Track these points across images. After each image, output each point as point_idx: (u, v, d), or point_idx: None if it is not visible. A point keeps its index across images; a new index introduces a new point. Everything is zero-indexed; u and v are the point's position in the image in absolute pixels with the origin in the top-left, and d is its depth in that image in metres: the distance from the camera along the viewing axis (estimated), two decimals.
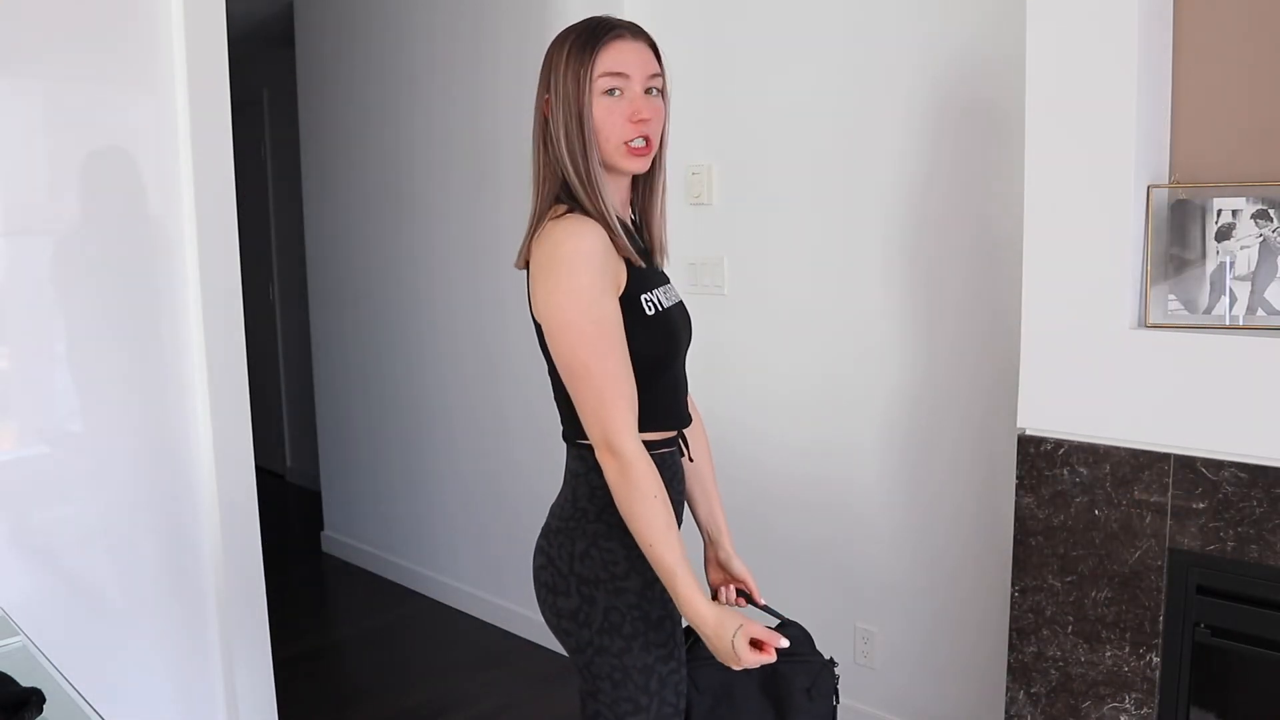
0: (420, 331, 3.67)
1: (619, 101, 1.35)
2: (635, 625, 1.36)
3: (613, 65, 1.34)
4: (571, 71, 1.34)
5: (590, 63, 1.33)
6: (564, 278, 1.30)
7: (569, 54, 1.35)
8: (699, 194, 2.74)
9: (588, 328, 1.29)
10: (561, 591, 1.40)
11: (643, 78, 1.36)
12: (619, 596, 1.37)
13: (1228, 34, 1.72)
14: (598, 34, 1.35)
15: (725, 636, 1.24)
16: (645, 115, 1.36)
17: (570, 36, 1.37)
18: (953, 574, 2.34)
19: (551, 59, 1.38)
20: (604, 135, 1.35)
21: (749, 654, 1.23)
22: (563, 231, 1.32)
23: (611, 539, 1.38)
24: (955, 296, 2.28)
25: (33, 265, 2.02)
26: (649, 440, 1.40)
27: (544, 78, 1.39)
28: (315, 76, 4.08)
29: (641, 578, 1.38)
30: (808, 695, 1.49)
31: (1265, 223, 1.66)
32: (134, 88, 2.11)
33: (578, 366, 1.31)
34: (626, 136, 1.35)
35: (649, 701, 1.37)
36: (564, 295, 1.30)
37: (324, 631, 3.56)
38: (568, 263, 1.30)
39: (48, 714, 1.18)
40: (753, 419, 2.68)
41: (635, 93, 1.36)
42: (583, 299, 1.29)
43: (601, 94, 1.34)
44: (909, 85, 2.29)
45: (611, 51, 1.34)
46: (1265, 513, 1.58)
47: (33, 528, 2.03)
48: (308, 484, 5.19)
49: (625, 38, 1.36)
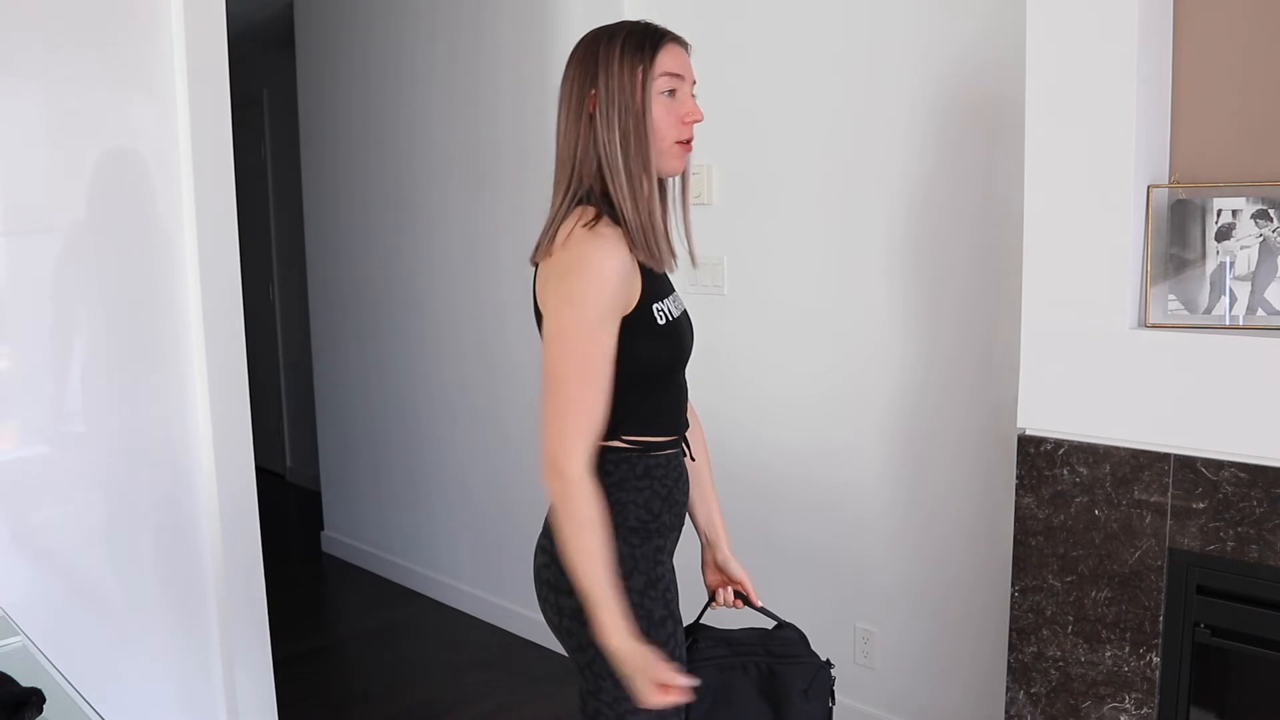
0: (420, 331, 3.67)
1: (674, 102, 1.39)
2: (637, 624, 1.36)
3: (672, 66, 1.38)
4: (628, 70, 1.35)
5: (652, 63, 1.36)
6: (578, 294, 1.31)
7: (623, 52, 1.36)
8: (699, 194, 2.74)
9: (582, 348, 1.31)
10: (564, 590, 1.40)
11: (690, 82, 1.42)
12: (622, 596, 1.37)
13: (1228, 34, 1.72)
14: (654, 36, 1.39)
15: (633, 675, 1.29)
16: (699, 116, 1.41)
17: (620, 34, 1.38)
18: (953, 574, 2.34)
19: (598, 55, 1.38)
20: (661, 134, 1.38)
21: (653, 695, 1.28)
22: (591, 246, 1.32)
23: (616, 539, 1.38)
24: (955, 296, 2.28)
25: (33, 265, 2.02)
26: (654, 442, 1.41)
27: (588, 73, 1.38)
28: (315, 76, 4.09)
29: (645, 577, 1.39)
30: (804, 696, 1.49)
31: (1265, 223, 1.66)
32: (134, 88, 2.11)
33: (556, 378, 1.32)
34: (680, 136, 1.40)
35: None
36: (573, 310, 1.31)
37: (324, 631, 3.56)
38: (587, 281, 1.31)
39: (48, 714, 1.18)
40: (752, 419, 2.68)
41: (687, 94, 1.41)
42: (588, 321, 1.31)
43: (660, 94, 1.37)
44: (909, 85, 2.29)
45: (669, 53, 1.38)
46: (1265, 513, 1.58)
47: (33, 528, 2.03)
48: (308, 484, 5.19)
49: (676, 42, 1.41)
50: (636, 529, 1.40)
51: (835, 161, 2.45)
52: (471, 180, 3.34)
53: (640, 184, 1.36)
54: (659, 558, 1.43)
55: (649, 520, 1.41)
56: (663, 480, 1.43)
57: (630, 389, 1.37)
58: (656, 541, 1.42)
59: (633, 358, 1.35)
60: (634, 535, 1.39)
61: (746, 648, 1.52)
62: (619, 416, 1.38)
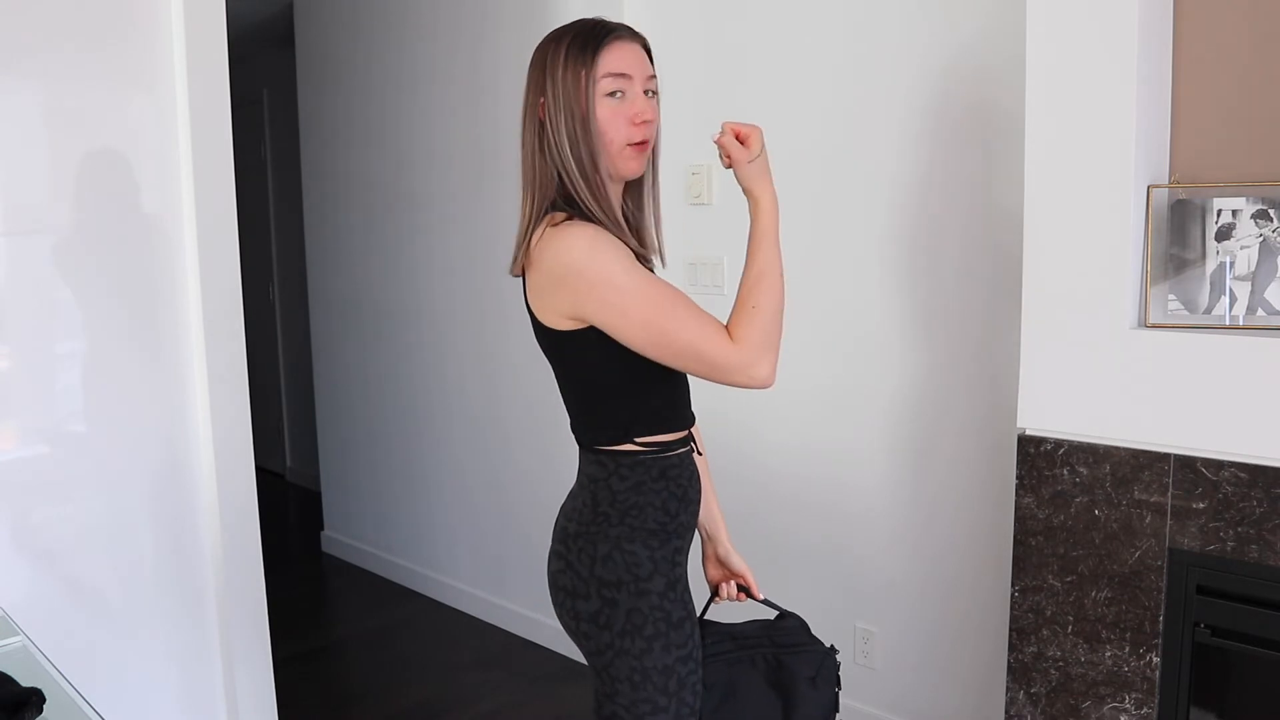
0: (420, 331, 3.67)
1: (622, 104, 1.34)
2: (657, 626, 1.36)
3: (616, 66, 1.33)
4: (571, 74, 1.32)
5: (593, 65, 1.32)
6: (591, 274, 1.28)
7: (567, 56, 1.33)
8: (699, 194, 2.74)
9: (639, 303, 1.28)
10: (581, 595, 1.39)
11: (642, 79, 1.36)
12: (642, 598, 1.36)
13: (1228, 34, 1.72)
14: (597, 35, 1.34)
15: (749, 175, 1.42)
16: (649, 116, 1.35)
17: (565, 38, 1.35)
18: (953, 574, 2.34)
19: (545, 61, 1.36)
20: (608, 138, 1.34)
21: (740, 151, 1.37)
22: (572, 237, 1.30)
23: (635, 542, 1.38)
24: (955, 296, 2.28)
25: (33, 265, 2.02)
26: (663, 442, 1.40)
27: (537, 81, 1.37)
28: (315, 76, 4.09)
29: (665, 579, 1.38)
30: (812, 684, 1.49)
31: (1265, 223, 1.66)
32: (134, 88, 2.11)
33: (657, 340, 1.29)
34: (631, 139, 1.35)
35: (668, 702, 1.37)
36: (602, 290, 1.28)
37: (324, 631, 3.56)
38: (591, 260, 1.28)
39: (48, 714, 1.18)
40: (752, 418, 2.68)
41: (637, 93, 1.35)
42: (620, 282, 1.28)
43: (604, 95, 1.33)
44: (909, 85, 2.29)
45: (613, 52, 1.33)
46: (1265, 513, 1.58)
47: (33, 528, 2.03)
48: (308, 484, 5.19)
49: (624, 38, 1.35)
50: (656, 531, 1.39)
51: (835, 162, 2.45)
52: (472, 180, 3.34)
53: (598, 187, 1.34)
54: (677, 559, 1.42)
55: (667, 522, 1.40)
56: (678, 480, 1.42)
57: (631, 388, 1.37)
58: (675, 543, 1.42)
59: (618, 354, 1.33)
60: (653, 538, 1.39)
61: (752, 640, 1.52)
62: (627, 418, 1.38)
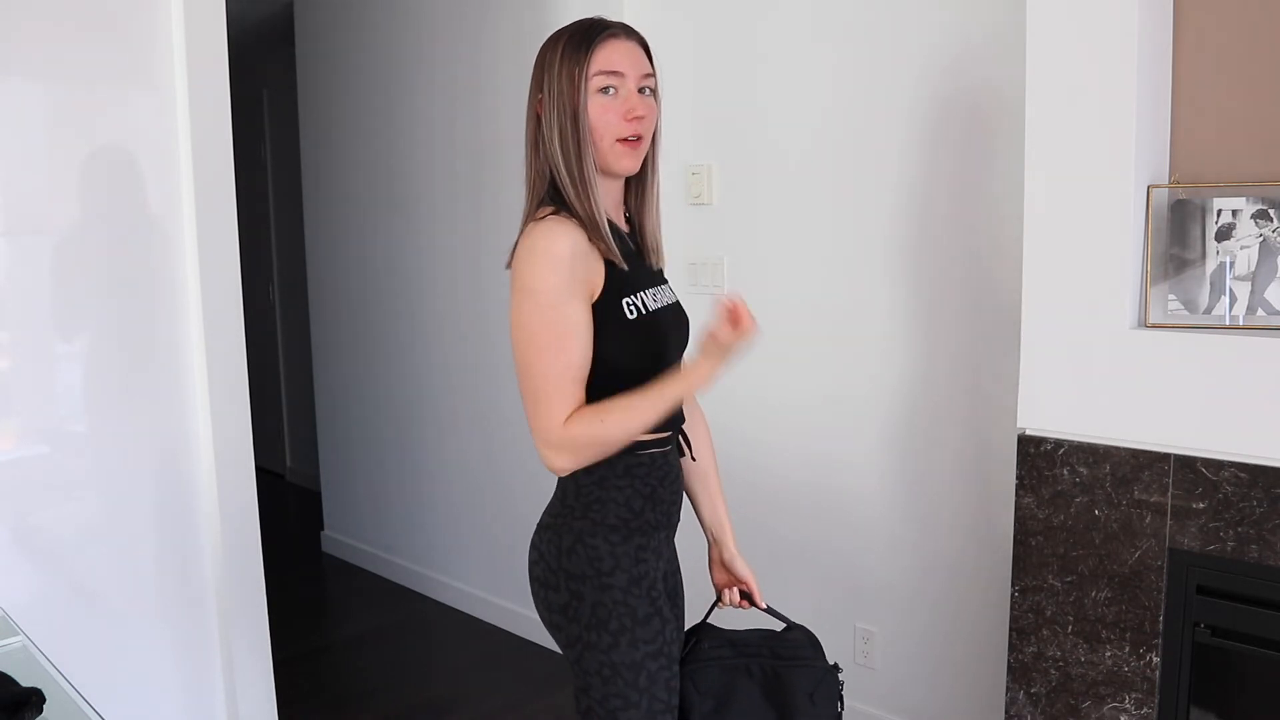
0: (421, 331, 3.67)
1: (614, 100, 1.36)
2: (621, 621, 1.37)
3: (607, 64, 1.35)
4: (566, 71, 1.35)
5: (585, 62, 1.34)
6: (526, 279, 1.32)
7: (562, 53, 1.36)
8: (699, 194, 2.74)
9: (538, 330, 1.32)
10: (552, 586, 1.41)
11: (636, 77, 1.37)
12: (605, 593, 1.38)
13: (1228, 34, 1.72)
14: (591, 33, 1.36)
15: (708, 351, 1.31)
16: (640, 113, 1.37)
17: (563, 37, 1.38)
18: (953, 574, 2.34)
19: (544, 59, 1.39)
20: (599, 134, 1.36)
21: (735, 328, 1.29)
22: (538, 234, 1.33)
23: (596, 536, 1.39)
24: (955, 296, 2.28)
25: (33, 265, 2.02)
26: (640, 440, 1.40)
27: (536, 78, 1.40)
28: (315, 76, 4.09)
29: (627, 574, 1.39)
30: (810, 700, 1.48)
31: (1265, 223, 1.66)
32: (134, 87, 2.11)
33: (521, 366, 1.34)
34: (620, 134, 1.36)
35: (639, 698, 1.37)
36: (525, 295, 1.33)
37: (324, 631, 3.56)
38: (534, 265, 1.32)
39: (48, 714, 1.18)
40: (753, 419, 2.68)
41: (630, 90, 1.37)
42: (540, 301, 1.31)
43: (596, 92, 1.35)
44: (909, 85, 2.29)
45: (606, 50, 1.35)
46: (1265, 513, 1.58)
47: (33, 528, 2.03)
48: (308, 484, 5.19)
49: (619, 37, 1.37)
50: (617, 526, 1.40)
51: (835, 162, 2.45)
52: (472, 179, 3.34)
53: (583, 183, 1.36)
54: (641, 555, 1.41)
55: (630, 518, 1.41)
56: (645, 479, 1.42)
57: (597, 384, 1.36)
58: (638, 540, 1.42)
59: (601, 355, 1.35)
60: (614, 533, 1.39)
61: (751, 649, 1.51)
62: None
